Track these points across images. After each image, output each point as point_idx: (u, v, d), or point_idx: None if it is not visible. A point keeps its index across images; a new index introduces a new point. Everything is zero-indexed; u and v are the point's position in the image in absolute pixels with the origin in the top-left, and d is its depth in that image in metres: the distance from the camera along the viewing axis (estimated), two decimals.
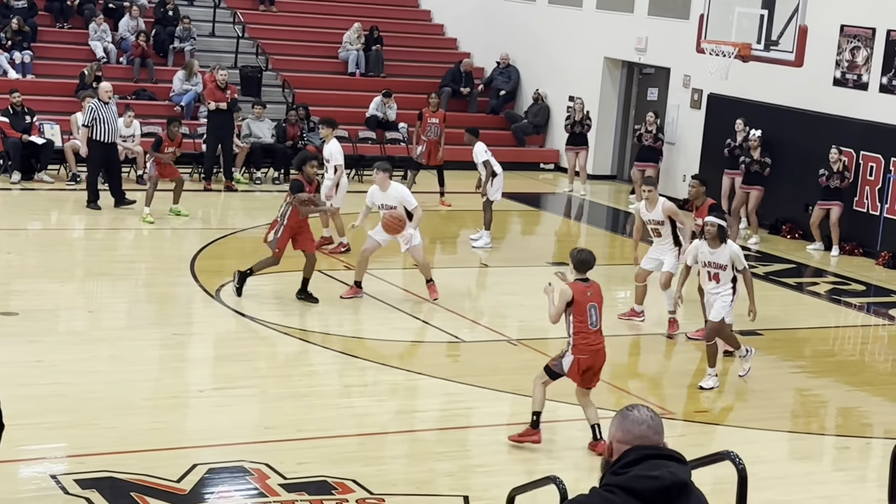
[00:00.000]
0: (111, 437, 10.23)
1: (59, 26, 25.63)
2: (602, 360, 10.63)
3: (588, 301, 10.53)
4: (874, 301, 17.44)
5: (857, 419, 12.63)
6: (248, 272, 14.71)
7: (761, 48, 18.21)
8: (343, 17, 28.05)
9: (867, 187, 19.84)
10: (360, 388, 12.32)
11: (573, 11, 26.01)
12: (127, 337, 13.24)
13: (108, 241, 18.38)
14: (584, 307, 10.50)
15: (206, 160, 21.98)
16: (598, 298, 10.64)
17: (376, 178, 15.26)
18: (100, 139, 19.10)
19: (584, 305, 10.51)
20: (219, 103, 21.64)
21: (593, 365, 10.56)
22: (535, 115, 26.62)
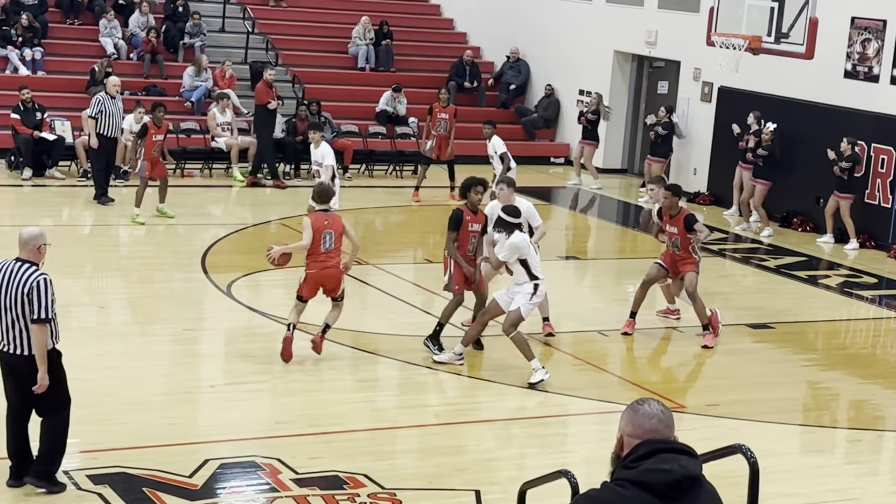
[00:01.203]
0: (123, 432, 10.26)
1: (70, 23, 25.67)
2: (332, 277, 12.51)
3: (325, 228, 12.43)
4: (886, 294, 17.41)
5: (868, 412, 12.61)
6: (439, 328, 13.02)
7: (772, 41, 18.15)
8: (352, 13, 28.04)
9: (878, 180, 19.79)
10: (372, 382, 12.33)
11: (583, 5, 25.98)
12: (139, 332, 13.28)
13: (119, 237, 18.41)
14: (321, 234, 12.41)
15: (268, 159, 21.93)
16: (336, 227, 12.50)
17: (500, 194, 13.22)
18: (103, 132, 19.12)
19: (321, 232, 12.42)
20: (273, 101, 21.79)
21: (324, 282, 12.51)
22: (546, 108, 26.60)
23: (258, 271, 15.87)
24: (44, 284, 8.65)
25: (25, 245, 8.84)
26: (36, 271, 8.72)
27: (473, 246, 12.88)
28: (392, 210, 21.17)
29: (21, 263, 8.76)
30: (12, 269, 8.75)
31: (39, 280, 8.65)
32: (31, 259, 8.79)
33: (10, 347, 8.77)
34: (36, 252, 8.83)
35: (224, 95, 23.01)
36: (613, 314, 15.08)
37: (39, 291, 8.62)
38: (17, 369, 8.82)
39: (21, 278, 8.67)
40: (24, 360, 8.76)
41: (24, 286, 8.64)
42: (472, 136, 23.27)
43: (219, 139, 22.51)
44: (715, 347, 13.89)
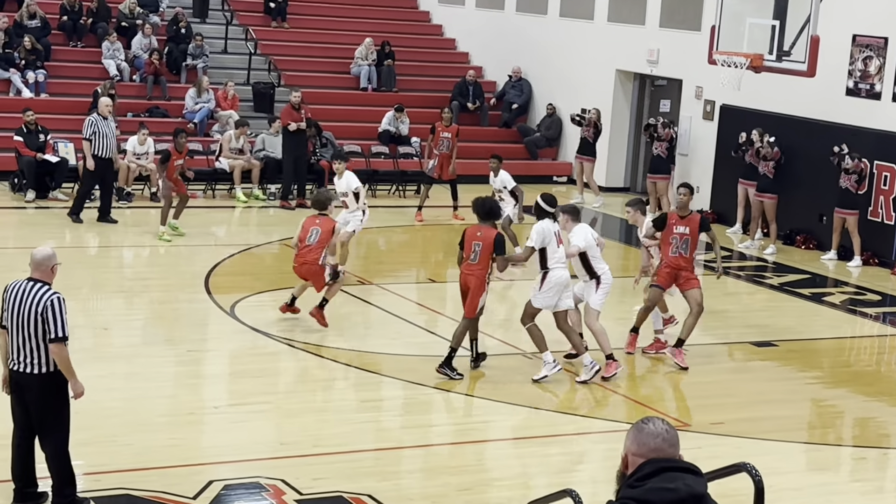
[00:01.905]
0: (127, 454, 10.24)
1: (73, 45, 25.74)
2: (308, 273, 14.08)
3: (313, 225, 14.02)
4: (890, 311, 17.39)
5: (874, 430, 12.59)
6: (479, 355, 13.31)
7: (773, 59, 18.18)
8: (355, 33, 28.12)
9: (881, 197, 19.79)
10: (376, 402, 12.32)
11: (585, 24, 26.04)
12: (142, 354, 13.27)
13: (123, 258, 18.42)
14: (307, 231, 13.99)
15: (284, 180, 22.09)
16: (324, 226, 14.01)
17: (560, 220, 13.22)
18: (97, 154, 19.14)
19: (307, 229, 14.00)
20: (298, 123, 21.80)
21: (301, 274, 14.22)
22: (548, 128, 26.64)
23: (262, 292, 15.88)
24: (58, 303, 8.69)
25: (38, 265, 8.87)
26: (49, 290, 8.75)
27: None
28: (395, 230, 21.17)
29: (34, 283, 8.79)
30: (25, 288, 8.77)
31: (53, 299, 8.68)
32: (43, 279, 8.83)
33: (21, 366, 8.78)
34: (48, 272, 8.86)
35: (243, 123, 23.02)
36: (617, 332, 15.05)
37: (54, 310, 8.65)
38: (27, 388, 8.83)
39: (35, 297, 8.69)
40: (33, 379, 8.77)
41: (38, 305, 8.66)
42: (475, 155, 23.33)
43: (223, 160, 22.53)
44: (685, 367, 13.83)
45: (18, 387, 8.87)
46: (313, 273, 14.18)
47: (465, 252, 12.77)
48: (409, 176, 24.20)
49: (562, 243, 12.96)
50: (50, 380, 8.79)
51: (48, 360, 8.75)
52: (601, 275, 13.15)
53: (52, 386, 8.82)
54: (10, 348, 8.81)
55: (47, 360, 8.75)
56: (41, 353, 8.73)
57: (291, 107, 22.12)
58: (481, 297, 12.80)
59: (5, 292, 8.88)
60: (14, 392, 8.95)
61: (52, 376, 8.79)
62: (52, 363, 8.77)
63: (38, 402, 8.82)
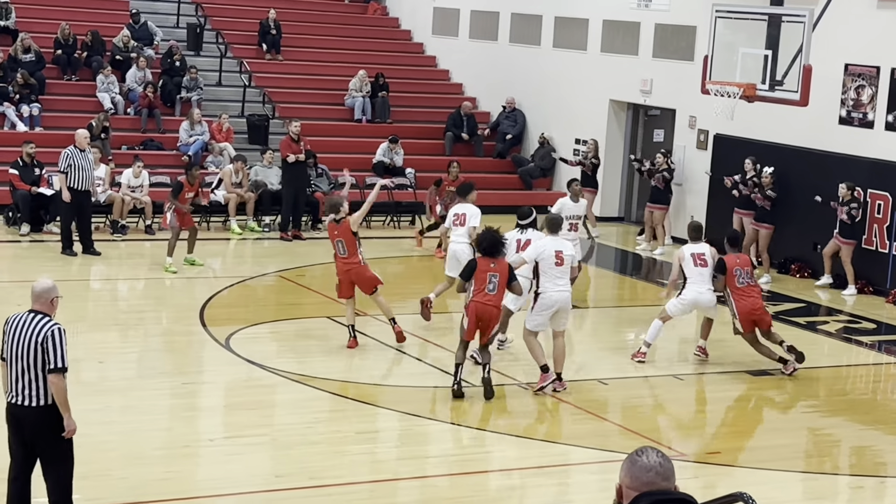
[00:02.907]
0: (123, 487, 10.21)
1: (67, 79, 25.79)
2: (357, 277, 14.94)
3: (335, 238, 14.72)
4: (885, 339, 17.39)
5: (870, 458, 12.57)
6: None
7: (766, 88, 18.24)
8: (349, 65, 28.20)
9: (875, 225, 19.82)
10: (371, 434, 12.29)
11: (578, 55, 26.13)
12: (138, 386, 13.24)
13: (118, 291, 18.41)
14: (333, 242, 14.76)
15: (283, 211, 22.10)
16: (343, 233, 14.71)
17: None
18: (74, 186, 19.11)
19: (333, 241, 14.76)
20: (297, 155, 21.83)
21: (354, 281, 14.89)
22: (542, 158, 26.69)
23: (257, 324, 15.87)
24: (58, 334, 8.68)
25: (38, 298, 8.87)
26: (50, 321, 8.75)
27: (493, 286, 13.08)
28: (390, 261, 21.16)
29: (35, 314, 8.80)
30: (26, 320, 8.78)
31: (54, 329, 8.68)
32: (44, 311, 8.84)
33: (19, 398, 8.75)
34: (49, 304, 8.87)
35: (240, 158, 23.04)
36: (613, 363, 15.07)
37: (54, 341, 8.64)
38: (24, 421, 8.78)
39: (35, 328, 8.69)
40: (31, 412, 8.73)
41: (38, 335, 8.65)
42: None
43: (218, 192, 22.55)
44: None
45: (16, 420, 8.83)
46: (358, 276, 14.82)
47: (479, 284, 12.90)
48: (403, 207, 24.22)
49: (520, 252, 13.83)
50: (48, 412, 8.75)
51: (47, 392, 8.72)
52: (542, 293, 13.40)
53: (51, 418, 8.76)
54: (9, 381, 8.79)
55: (45, 392, 8.72)
56: (40, 384, 8.69)
57: (290, 138, 22.17)
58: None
59: (6, 325, 8.88)
60: (12, 426, 8.91)
61: (52, 409, 8.75)
62: (50, 395, 8.73)
63: (38, 435, 8.79)
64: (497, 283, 12.90)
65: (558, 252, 13.45)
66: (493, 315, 13.00)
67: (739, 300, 14.56)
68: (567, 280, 13.63)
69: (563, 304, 13.47)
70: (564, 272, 13.50)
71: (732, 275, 14.58)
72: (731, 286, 14.60)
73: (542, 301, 13.39)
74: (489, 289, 12.89)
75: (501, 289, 12.96)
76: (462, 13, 29.34)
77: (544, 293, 13.38)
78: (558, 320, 13.57)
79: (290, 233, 21.98)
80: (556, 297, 13.36)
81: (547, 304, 13.37)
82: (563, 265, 13.44)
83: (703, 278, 14.65)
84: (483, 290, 12.89)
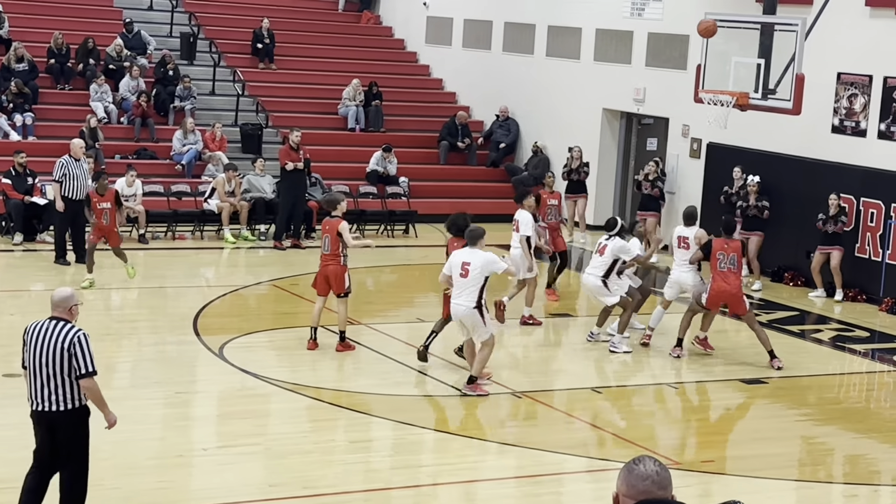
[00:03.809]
0: (116, 497, 10.19)
1: (60, 88, 25.77)
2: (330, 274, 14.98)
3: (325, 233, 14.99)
4: (878, 347, 17.41)
5: (864, 466, 12.57)
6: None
7: (759, 97, 18.26)
8: (342, 74, 28.21)
9: (868, 234, 19.85)
10: (365, 443, 12.28)
11: (571, 63, 26.16)
12: (131, 396, 13.21)
13: (111, 301, 18.38)
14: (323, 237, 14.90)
15: (278, 220, 22.12)
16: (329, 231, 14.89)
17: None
18: (69, 195, 19.09)
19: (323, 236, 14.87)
20: (295, 164, 21.85)
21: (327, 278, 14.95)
22: (536, 167, 26.69)
23: (250, 333, 15.85)
24: (84, 339, 8.82)
25: (58, 306, 8.96)
26: (74, 328, 8.87)
27: None
28: (383, 270, 21.17)
29: (57, 321, 8.90)
30: (48, 327, 8.86)
31: (80, 335, 8.80)
32: (64, 317, 8.92)
33: (45, 405, 8.85)
34: (68, 312, 8.97)
35: (232, 167, 23.01)
36: (606, 371, 15.07)
37: (82, 346, 8.77)
38: (57, 427, 8.90)
39: (60, 335, 8.79)
40: (63, 416, 8.85)
41: (65, 341, 8.76)
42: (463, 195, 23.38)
43: (211, 201, 22.54)
44: None
45: (47, 426, 8.92)
46: (332, 274, 14.92)
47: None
48: (396, 216, 24.23)
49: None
50: (78, 414, 8.93)
51: (73, 396, 8.85)
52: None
53: (80, 420, 8.96)
54: (33, 389, 8.88)
55: (72, 396, 8.85)
56: (66, 389, 8.82)
57: (290, 147, 22.18)
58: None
59: (26, 333, 8.98)
60: (41, 432, 9.00)
61: (80, 411, 8.93)
62: (77, 398, 8.86)
63: (68, 438, 8.94)
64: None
65: (465, 263, 13.26)
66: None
67: (716, 280, 15.26)
68: (468, 293, 13.16)
69: (462, 318, 13.38)
70: (469, 285, 13.17)
71: (715, 258, 15.24)
72: (712, 267, 15.31)
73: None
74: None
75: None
76: (455, 22, 29.37)
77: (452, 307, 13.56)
78: (466, 331, 13.57)
79: (285, 242, 21.98)
80: (455, 311, 13.43)
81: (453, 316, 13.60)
82: (468, 277, 13.16)
83: (683, 260, 15.84)
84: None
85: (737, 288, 15.37)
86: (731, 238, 15.55)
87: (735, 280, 15.33)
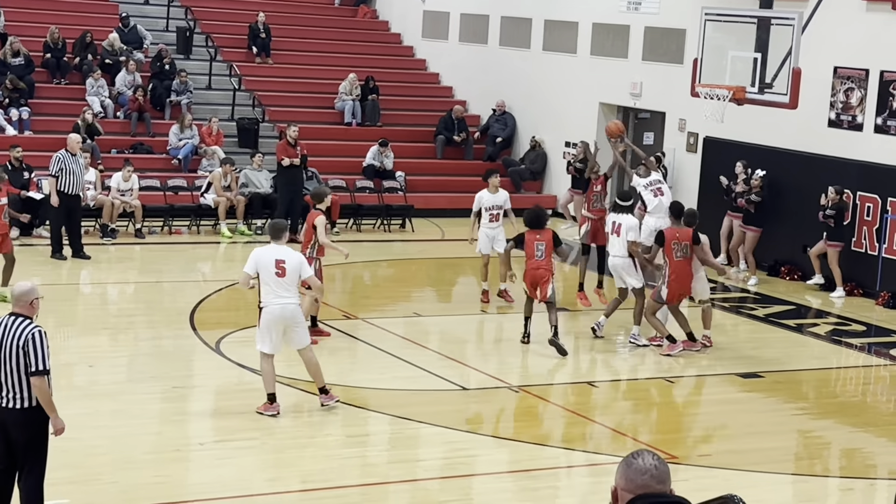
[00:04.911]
0: (113, 492, 10.19)
1: (57, 82, 25.74)
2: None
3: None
4: (875, 341, 17.42)
5: (860, 460, 12.59)
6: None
7: (756, 91, 18.25)
8: (339, 68, 28.19)
9: (865, 228, 19.86)
10: (362, 437, 12.28)
11: (568, 58, 26.15)
12: (128, 391, 13.22)
13: (107, 295, 18.38)
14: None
15: (276, 214, 22.08)
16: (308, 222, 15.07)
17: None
18: (65, 190, 19.06)
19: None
20: (292, 159, 21.85)
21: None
22: (533, 161, 26.71)
23: (247, 328, 15.83)
24: (39, 337, 8.68)
25: (18, 300, 8.88)
26: (31, 324, 8.74)
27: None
28: (380, 264, 21.17)
29: (16, 318, 8.79)
30: (7, 323, 8.78)
31: (35, 332, 8.68)
32: (24, 313, 8.82)
33: (3, 401, 8.75)
34: (29, 306, 8.85)
35: (228, 161, 22.99)
36: (603, 365, 15.08)
37: (35, 344, 8.64)
38: (11, 425, 8.78)
39: (17, 332, 8.69)
40: (18, 414, 8.74)
41: (20, 339, 8.65)
42: (459, 189, 23.37)
43: (207, 196, 22.53)
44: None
45: (1, 424, 8.83)
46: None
47: (529, 250, 15.26)
48: (393, 210, 24.22)
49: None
50: (34, 415, 8.77)
51: (31, 394, 8.73)
52: (263, 306, 12.26)
53: (35, 421, 8.79)
54: None
55: (29, 395, 8.73)
56: (23, 387, 8.71)
57: (287, 142, 22.17)
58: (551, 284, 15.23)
59: None
60: None
61: (36, 411, 8.77)
62: (34, 398, 8.74)
63: (23, 438, 8.79)
64: (544, 250, 15.28)
65: (279, 261, 12.14)
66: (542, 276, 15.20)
67: (674, 272, 15.17)
68: (294, 292, 12.24)
69: (288, 320, 12.23)
70: (290, 283, 12.16)
71: (670, 247, 15.20)
72: (668, 257, 15.26)
73: (265, 316, 12.19)
74: (538, 255, 15.23)
75: (549, 254, 15.33)
76: (452, 16, 29.36)
77: (266, 307, 12.18)
78: (292, 338, 12.37)
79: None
80: (278, 312, 12.13)
81: (269, 319, 12.14)
82: (286, 276, 12.11)
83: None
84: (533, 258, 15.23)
85: (691, 278, 15.34)
86: (680, 225, 15.53)
87: (689, 268, 15.29)
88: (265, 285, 12.16)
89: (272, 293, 12.12)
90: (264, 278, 12.16)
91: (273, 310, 12.11)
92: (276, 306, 12.11)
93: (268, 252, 12.26)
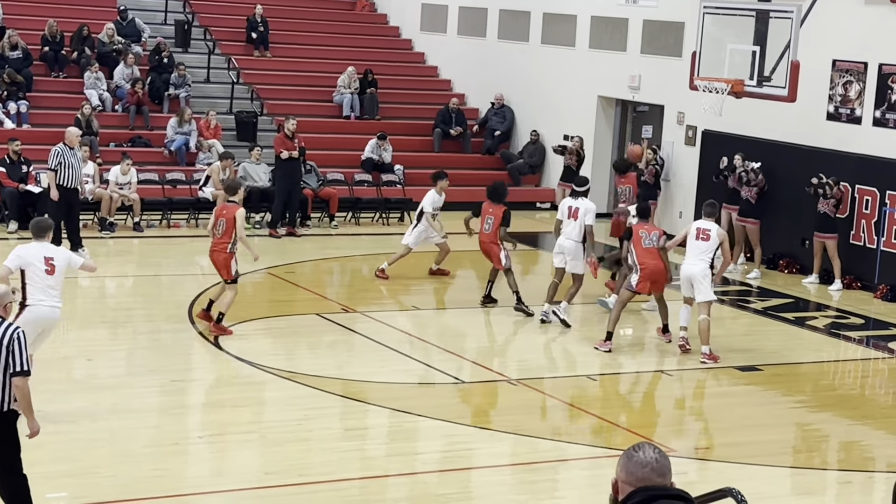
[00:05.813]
0: (111, 485, 10.19)
1: (55, 76, 25.72)
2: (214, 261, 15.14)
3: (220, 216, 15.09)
4: (873, 334, 17.43)
5: (858, 453, 12.60)
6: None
7: (754, 84, 18.26)
8: (337, 62, 28.18)
9: (863, 220, 19.87)
10: (361, 431, 12.29)
11: (566, 51, 26.14)
12: (126, 384, 13.22)
13: (106, 289, 18.38)
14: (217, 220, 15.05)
15: (274, 208, 22.13)
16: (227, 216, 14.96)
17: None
18: (63, 184, 19.03)
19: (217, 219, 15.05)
20: (290, 152, 21.85)
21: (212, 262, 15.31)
22: (532, 154, 26.70)
23: (245, 321, 15.85)
24: (22, 337, 8.59)
25: None
26: (10, 326, 8.63)
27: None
28: (379, 257, 21.14)
29: None
30: None
31: (18, 333, 8.59)
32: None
33: None
34: (3, 309, 8.75)
35: (228, 155, 22.94)
36: (601, 358, 15.08)
37: (18, 345, 8.53)
38: None
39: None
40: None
41: (3, 339, 8.52)
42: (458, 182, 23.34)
43: (206, 189, 22.51)
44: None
45: None
46: (216, 262, 15.10)
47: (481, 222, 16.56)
48: (392, 203, 24.22)
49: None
50: (8, 417, 8.63)
51: (9, 397, 8.57)
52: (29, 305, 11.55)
53: (10, 423, 8.66)
54: None
55: (9, 398, 8.57)
56: (5, 388, 8.54)
57: (285, 135, 22.17)
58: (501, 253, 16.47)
59: None
60: None
61: (8, 415, 8.62)
62: (6, 401, 8.56)
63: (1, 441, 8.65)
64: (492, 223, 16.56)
65: (48, 258, 11.57)
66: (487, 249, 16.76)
67: (644, 261, 15.05)
68: (59, 295, 11.64)
69: (50, 324, 11.72)
70: (58, 283, 11.60)
71: (639, 237, 15.16)
72: (637, 247, 15.15)
73: (27, 315, 11.36)
74: (485, 228, 16.61)
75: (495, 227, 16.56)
76: (450, 9, 29.34)
77: (32, 306, 11.49)
78: (43, 340, 11.89)
79: (281, 230, 21.97)
80: (44, 314, 11.53)
81: (31, 318, 11.36)
82: (55, 274, 11.54)
83: (699, 251, 15.01)
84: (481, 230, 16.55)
85: (663, 266, 15.16)
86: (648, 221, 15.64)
87: (658, 256, 15.16)
88: (31, 284, 11.49)
89: (41, 292, 11.51)
90: (31, 276, 11.51)
91: (41, 311, 11.48)
92: (45, 307, 11.51)
93: (34, 249, 11.64)
